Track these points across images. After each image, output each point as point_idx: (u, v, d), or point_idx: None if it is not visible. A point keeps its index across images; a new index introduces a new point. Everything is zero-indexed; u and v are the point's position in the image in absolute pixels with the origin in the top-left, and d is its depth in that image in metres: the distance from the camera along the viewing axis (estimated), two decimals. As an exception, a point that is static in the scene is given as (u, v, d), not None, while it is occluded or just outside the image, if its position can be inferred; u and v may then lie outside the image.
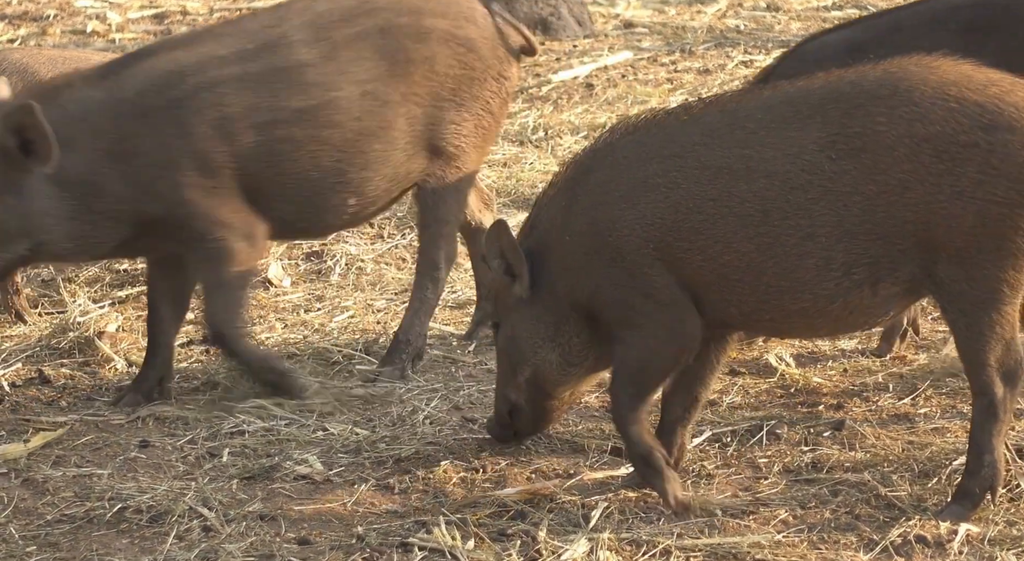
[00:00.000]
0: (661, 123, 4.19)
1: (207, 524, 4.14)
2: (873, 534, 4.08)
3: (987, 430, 4.03)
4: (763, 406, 4.83)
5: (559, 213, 4.22)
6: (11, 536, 4.13)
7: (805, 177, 3.99)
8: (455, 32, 4.92)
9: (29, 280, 6.04)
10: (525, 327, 4.26)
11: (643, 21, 9.57)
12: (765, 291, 4.06)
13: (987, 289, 3.96)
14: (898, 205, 3.95)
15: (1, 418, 4.87)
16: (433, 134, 4.90)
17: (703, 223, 4.05)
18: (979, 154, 3.92)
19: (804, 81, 4.13)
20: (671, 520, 4.14)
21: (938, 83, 3.98)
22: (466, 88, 4.92)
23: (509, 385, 4.35)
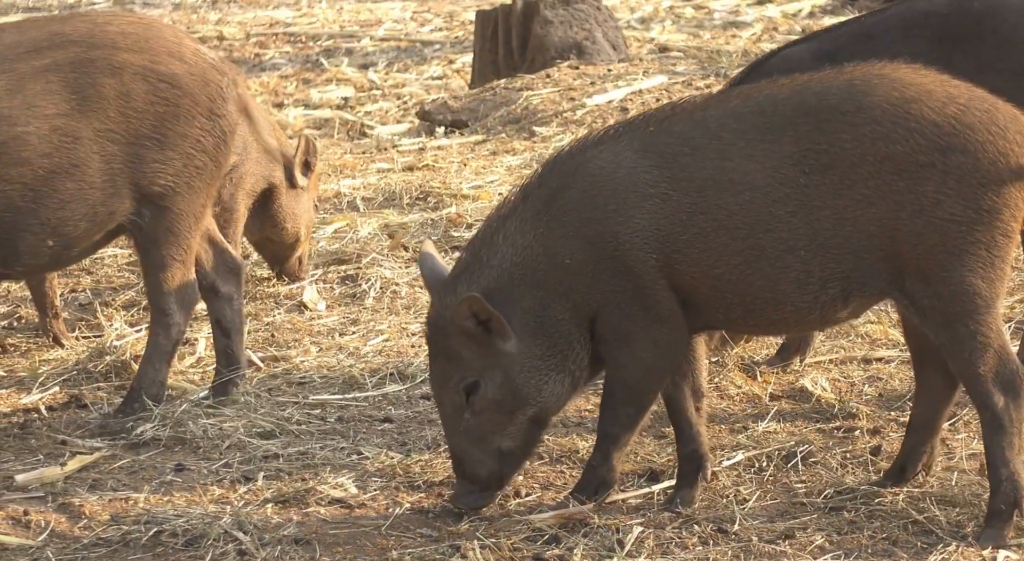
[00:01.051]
0: (629, 134, 4.14)
1: (242, 548, 4.14)
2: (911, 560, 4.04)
3: (997, 444, 4.03)
4: (799, 431, 4.80)
5: (536, 242, 4.11)
6: (48, 560, 4.15)
7: (783, 190, 4.04)
8: (154, 67, 4.75)
9: (67, 304, 6.08)
10: (522, 369, 4.11)
11: (678, 45, 9.57)
12: (752, 301, 4.11)
13: (958, 303, 4.01)
14: (864, 220, 4.02)
15: (38, 442, 4.90)
16: (135, 173, 4.74)
17: (697, 235, 4.07)
18: (936, 175, 4.00)
19: (770, 88, 4.14)
20: (707, 545, 4.12)
21: (899, 100, 4.04)
22: (170, 125, 4.76)
23: (499, 436, 4.16)
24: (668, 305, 4.12)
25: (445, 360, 4.15)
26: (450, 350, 4.14)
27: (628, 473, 4.54)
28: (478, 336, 4.09)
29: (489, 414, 4.15)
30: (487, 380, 4.12)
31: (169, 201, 4.80)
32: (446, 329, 4.14)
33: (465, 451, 4.18)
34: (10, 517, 4.38)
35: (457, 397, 4.15)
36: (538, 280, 4.12)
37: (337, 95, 9.65)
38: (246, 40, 10.99)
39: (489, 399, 4.13)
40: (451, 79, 9.90)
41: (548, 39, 8.97)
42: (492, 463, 4.18)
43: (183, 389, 5.26)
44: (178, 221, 4.84)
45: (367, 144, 8.44)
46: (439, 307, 4.18)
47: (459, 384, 4.14)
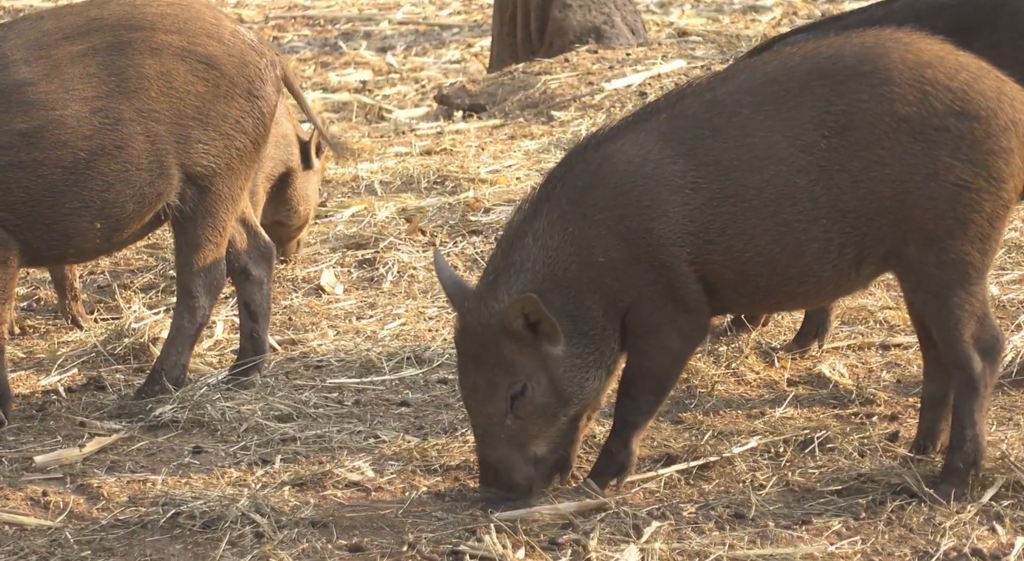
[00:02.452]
0: (644, 125, 4.10)
1: (259, 530, 4.16)
2: (928, 547, 4.04)
3: (968, 405, 4.10)
4: (816, 417, 4.80)
5: (567, 242, 4.07)
6: (66, 541, 4.17)
7: (805, 158, 4.03)
8: (192, 48, 4.76)
9: (85, 286, 6.10)
10: (565, 370, 4.09)
11: (697, 29, 9.54)
12: (776, 280, 4.10)
13: (956, 271, 4.05)
14: (879, 181, 4.03)
15: (57, 423, 4.92)
16: (180, 153, 4.76)
17: (728, 221, 4.05)
18: (950, 139, 4.02)
19: (778, 57, 4.12)
20: (723, 530, 4.12)
21: (915, 63, 4.06)
22: (211, 106, 4.77)
23: (540, 441, 4.13)
24: (696, 295, 4.11)
25: (489, 368, 4.08)
26: (497, 356, 4.07)
27: (644, 458, 4.54)
28: (526, 339, 4.05)
29: (532, 419, 4.11)
30: (534, 384, 4.09)
31: (210, 182, 4.82)
32: (489, 335, 4.07)
33: (505, 459, 4.12)
34: (29, 498, 4.40)
35: (502, 404, 4.09)
36: (571, 279, 4.09)
37: (355, 78, 9.64)
38: (265, 23, 10.99)
39: (535, 404, 4.10)
40: (469, 63, 9.89)
41: (567, 23, 8.95)
42: (528, 470, 4.15)
43: (201, 371, 5.27)
44: (217, 203, 4.85)
45: (385, 128, 8.44)
46: (479, 314, 4.09)
47: (506, 391, 4.08)
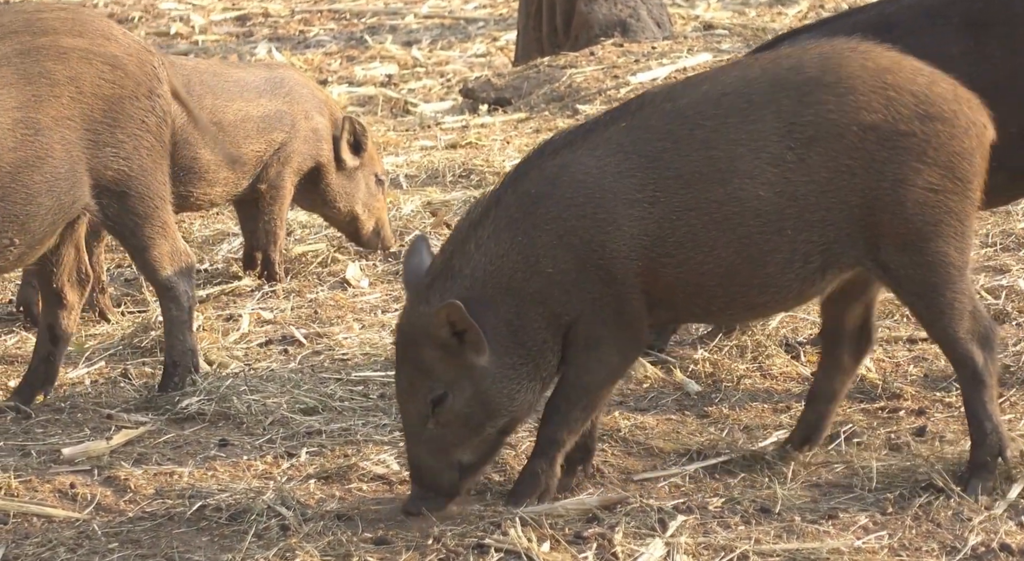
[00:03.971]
0: (603, 135, 4.02)
1: (285, 523, 4.17)
2: (955, 542, 4.02)
3: (979, 399, 4.11)
4: (842, 411, 4.78)
5: (513, 250, 3.97)
6: (94, 532, 4.19)
7: (771, 171, 4.00)
8: (96, 50, 4.70)
9: (112, 279, 6.12)
10: (494, 381, 3.98)
11: (723, 22, 9.52)
12: (736, 290, 4.07)
13: (936, 273, 4.06)
14: (847, 190, 4.02)
15: (84, 416, 4.94)
16: (91, 159, 4.69)
17: (687, 234, 3.99)
18: (917, 143, 4.03)
19: (736, 70, 4.09)
20: (749, 525, 4.11)
21: (875, 70, 4.06)
22: (117, 107, 4.72)
23: (462, 449, 4.03)
24: (638, 309, 4.05)
25: (412, 368, 3.99)
26: (419, 359, 3.98)
27: (670, 452, 4.54)
28: (451, 347, 3.95)
29: (455, 427, 4.01)
30: (456, 393, 3.98)
31: (126, 185, 4.78)
32: (416, 337, 3.98)
33: (425, 461, 4.04)
34: (57, 490, 4.42)
35: (422, 407, 4.01)
36: (514, 288, 3.99)
37: (381, 72, 9.65)
38: (291, 17, 11.01)
39: (456, 412, 4.00)
40: (495, 57, 9.88)
41: (592, 16, 8.94)
42: (451, 474, 4.05)
43: (226, 364, 5.29)
44: (140, 202, 4.82)
45: (410, 121, 8.44)
46: (411, 314, 4.01)
47: (426, 395, 3.99)
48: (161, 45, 10.37)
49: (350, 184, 6.18)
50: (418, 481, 4.10)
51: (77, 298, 5.03)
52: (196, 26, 10.80)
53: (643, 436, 4.65)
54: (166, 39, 10.55)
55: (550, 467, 4.14)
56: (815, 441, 4.44)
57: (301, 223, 6.70)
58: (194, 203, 5.92)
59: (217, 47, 10.36)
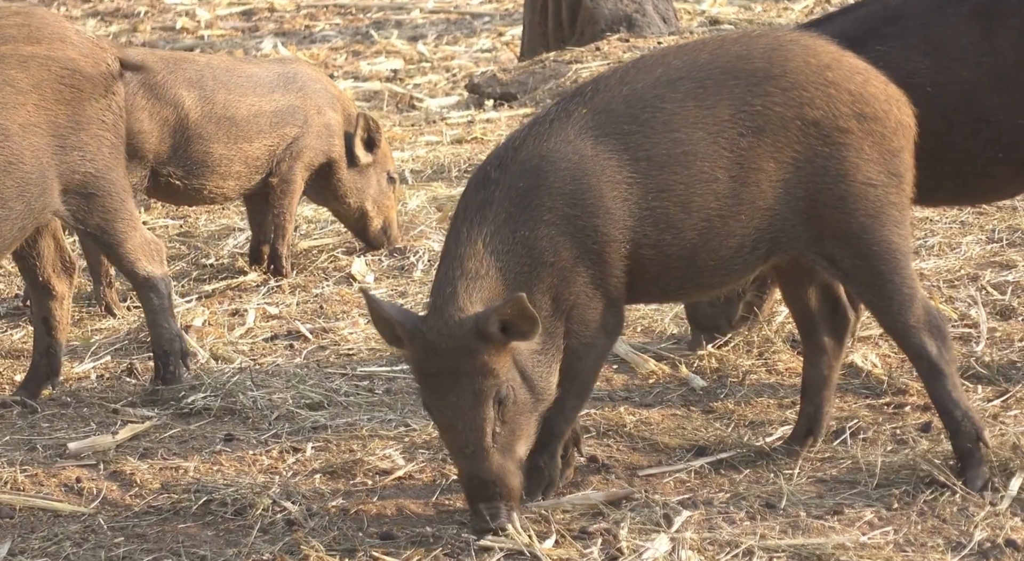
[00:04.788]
0: (570, 122, 4.05)
1: (290, 518, 4.17)
2: (961, 537, 4.02)
3: (943, 389, 4.15)
4: (848, 407, 4.78)
5: (519, 245, 3.98)
6: (99, 527, 4.19)
7: (727, 155, 4.07)
8: (53, 55, 4.73)
9: (119, 274, 6.13)
10: (535, 366, 4.01)
11: (729, 18, 9.51)
12: (695, 272, 4.12)
13: (882, 261, 4.12)
14: (792, 182, 4.08)
15: (90, 410, 4.94)
16: (60, 164, 4.72)
17: (660, 216, 4.05)
18: (855, 140, 4.11)
19: (684, 53, 4.14)
20: (754, 520, 4.11)
21: (817, 66, 4.14)
22: (80, 110, 4.75)
23: (523, 441, 4.01)
24: (620, 290, 4.10)
25: (471, 379, 3.93)
26: (473, 367, 3.92)
27: (675, 448, 4.54)
28: (500, 343, 3.93)
29: (517, 419, 4.00)
30: (513, 384, 3.98)
31: (94, 187, 4.79)
32: (466, 347, 3.92)
33: (500, 468, 3.97)
34: (63, 484, 4.43)
35: (491, 412, 3.95)
36: (523, 281, 4.01)
37: (386, 67, 9.65)
38: (296, 12, 11.00)
39: (518, 403, 3.99)
40: (500, 52, 9.88)
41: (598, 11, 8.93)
42: (521, 473, 4.01)
43: (231, 359, 5.30)
44: (108, 201, 4.82)
45: (416, 117, 8.44)
46: (447, 328, 3.93)
47: (490, 398, 3.94)
48: (167, 40, 10.37)
49: (361, 180, 6.19)
50: (489, 497, 3.97)
51: (66, 287, 5.05)
52: (202, 21, 10.80)
53: (648, 431, 4.65)
54: (172, 34, 10.56)
55: (551, 459, 4.16)
56: (818, 433, 4.45)
57: (307, 218, 6.71)
58: (207, 197, 5.94)
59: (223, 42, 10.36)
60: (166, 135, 5.76)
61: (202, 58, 6.08)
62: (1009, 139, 4.78)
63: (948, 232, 6.12)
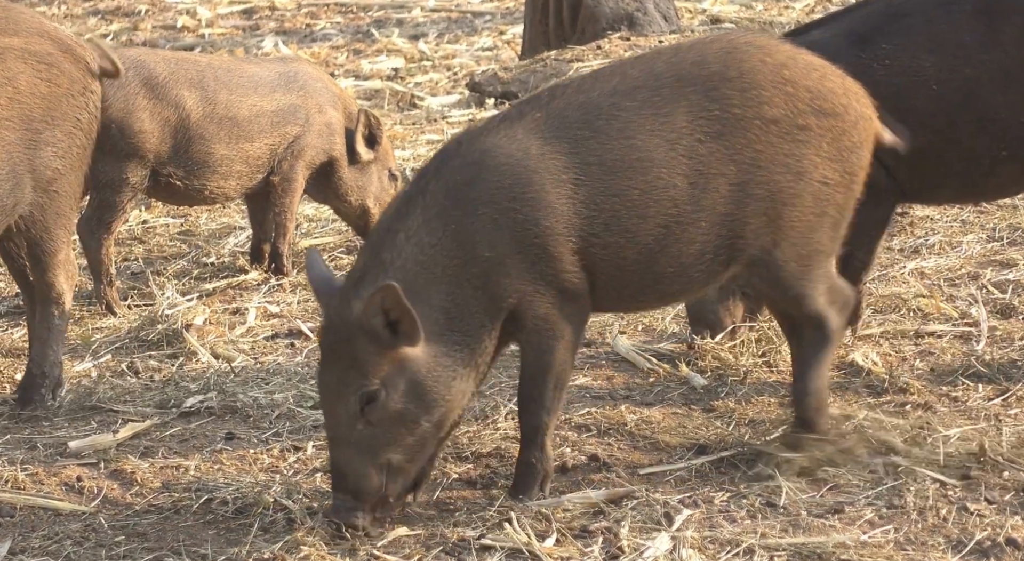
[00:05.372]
0: (520, 123, 4.04)
1: (291, 516, 4.17)
2: (961, 536, 4.02)
3: (820, 359, 4.26)
4: (849, 405, 4.78)
5: (447, 237, 3.94)
6: (100, 526, 4.20)
7: (685, 162, 4.07)
8: (30, 48, 4.63)
9: (119, 272, 6.13)
10: (431, 371, 3.92)
11: (730, 16, 9.50)
12: (652, 279, 4.12)
13: (808, 262, 4.19)
14: (753, 183, 4.10)
15: (90, 409, 4.94)
16: (33, 159, 4.61)
17: (611, 219, 4.04)
18: (813, 138, 4.13)
19: (642, 64, 4.15)
20: (755, 519, 4.11)
21: (773, 65, 4.15)
22: (56, 106, 4.64)
23: (393, 449, 3.93)
24: (581, 284, 4.08)
25: (342, 367, 3.89)
26: (349, 355, 3.88)
27: (676, 446, 4.54)
28: (383, 340, 3.86)
29: (387, 426, 3.92)
30: (389, 389, 3.90)
31: (58, 185, 4.71)
32: (348, 333, 3.89)
33: (351, 464, 3.92)
34: (64, 483, 4.43)
35: (351, 407, 3.89)
36: (450, 276, 3.95)
37: (387, 66, 9.65)
38: (297, 10, 11.00)
39: (390, 409, 3.91)
40: (501, 50, 9.88)
41: (599, 10, 8.93)
42: (378, 478, 3.94)
43: (232, 358, 5.30)
44: (64, 203, 4.74)
45: (417, 115, 8.44)
46: (340, 309, 3.92)
47: (355, 393, 3.88)
48: (167, 38, 10.38)
49: (363, 178, 6.19)
50: (341, 488, 3.95)
51: None
52: (203, 19, 10.80)
53: (649, 430, 4.65)
54: (172, 32, 10.56)
55: (542, 453, 4.16)
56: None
57: (308, 217, 6.71)
58: (208, 197, 5.94)
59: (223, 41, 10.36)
60: (167, 135, 5.76)
61: (203, 58, 6.08)
62: (1013, 137, 4.77)
63: (949, 230, 6.12)
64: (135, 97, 5.69)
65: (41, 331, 4.87)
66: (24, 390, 4.89)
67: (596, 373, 5.09)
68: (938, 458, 4.32)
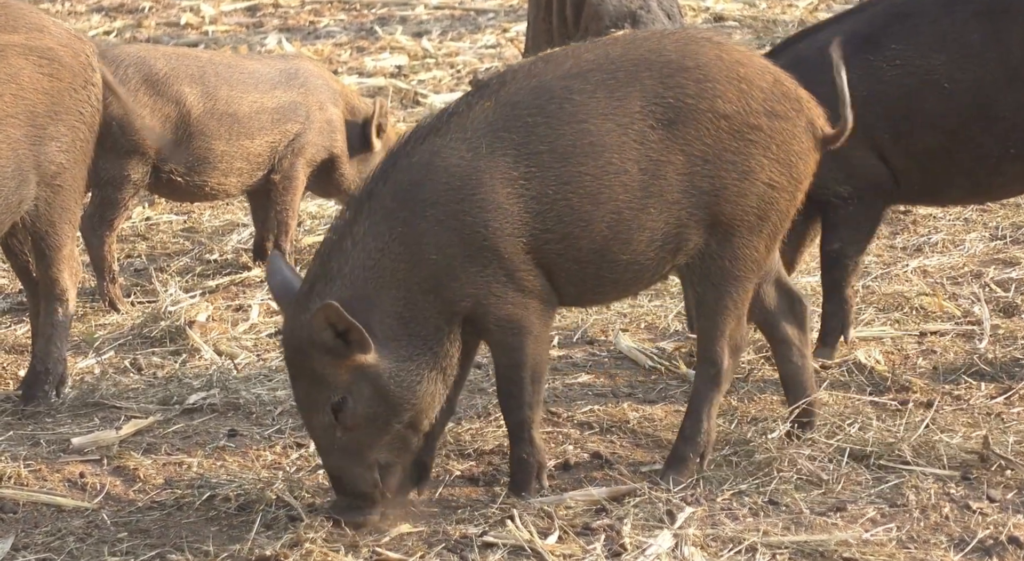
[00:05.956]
0: (470, 117, 4.00)
1: (293, 513, 4.17)
2: (964, 534, 4.02)
3: (708, 398, 4.22)
4: (851, 403, 4.78)
5: (395, 241, 3.92)
6: (103, 522, 4.20)
7: (636, 147, 4.04)
8: (31, 44, 4.62)
9: (122, 269, 6.13)
10: (393, 376, 3.93)
11: (733, 15, 9.50)
12: (608, 268, 4.09)
13: (742, 266, 4.14)
14: (699, 176, 4.06)
15: (93, 406, 4.95)
16: (38, 154, 4.60)
17: (565, 209, 4.01)
18: (763, 138, 4.10)
19: (597, 48, 4.11)
20: (757, 516, 4.11)
21: (729, 62, 4.13)
22: (59, 100, 4.64)
23: (376, 449, 3.96)
24: (539, 280, 4.04)
25: (307, 381, 3.93)
26: (310, 369, 3.91)
27: (679, 444, 4.53)
28: (338, 351, 3.87)
29: (362, 429, 3.95)
30: (355, 396, 3.91)
31: (62, 179, 4.70)
32: (303, 347, 3.91)
33: (343, 469, 3.98)
34: (66, 479, 4.44)
35: (325, 417, 3.94)
36: (400, 280, 3.93)
37: (391, 63, 9.65)
38: (301, 8, 11.01)
39: (360, 415, 3.93)
40: (505, 48, 9.88)
41: (603, 8, 8.93)
42: (372, 476, 3.98)
43: (234, 354, 5.30)
44: (69, 197, 4.73)
45: (420, 113, 8.43)
46: (292, 325, 3.94)
47: (325, 404, 3.92)
48: (171, 35, 10.38)
49: (365, 172, 6.19)
50: (341, 490, 4.02)
51: None
52: (206, 16, 10.80)
53: (651, 428, 4.65)
54: (176, 29, 10.56)
55: (532, 446, 4.14)
56: (811, 423, 4.44)
57: (311, 214, 6.71)
58: (209, 193, 5.94)
59: (227, 38, 10.37)
60: (167, 131, 5.76)
61: (204, 54, 6.08)
62: (1020, 136, 4.77)
63: (952, 229, 6.11)
64: (135, 94, 5.69)
65: (45, 327, 4.87)
66: (28, 386, 4.90)
67: (598, 371, 5.10)
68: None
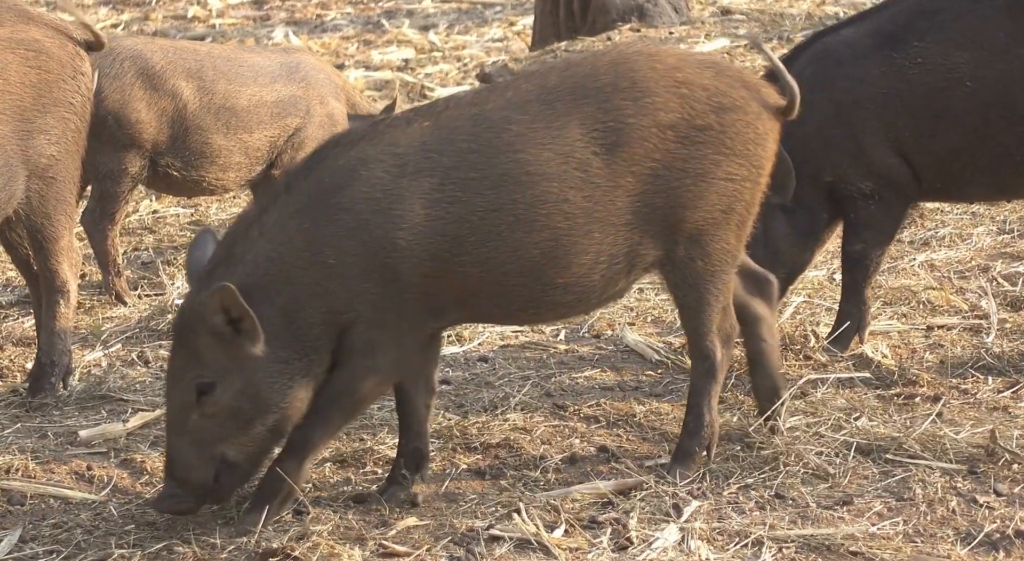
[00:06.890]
0: (405, 131, 3.99)
1: (300, 507, 4.18)
2: (970, 528, 4.02)
3: (707, 391, 4.22)
4: (858, 397, 4.78)
5: (298, 237, 3.89)
6: (110, 514, 4.21)
7: (579, 175, 4.01)
8: (17, 37, 4.57)
9: (129, 262, 6.14)
10: (268, 374, 3.90)
11: (740, 8, 9.49)
12: (541, 290, 4.06)
13: (716, 261, 4.15)
14: (652, 192, 4.06)
15: (101, 398, 4.95)
16: (27, 148, 4.55)
17: (490, 234, 3.96)
18: (715, 136, 4.09)
19: (535, 78, 4.11)
20: (763, 510, 4.11)
21: (664, 69, 4.11)
22: (47, 92, 4.58)
23: (226, 445, 3.94)
24: (420, 313, 3.99)
25: (184, 355, 3.92)
26: (191, 345, 3.90)
27: (685, 437, 4.53)
28: (225, 336, 3.86)
29: (220, 420, 3.92)
30: (225, 384, 3.90)
31: (55, 171, 4.66)
32: (192, 323, 3.90)
33: (181, 452, 3.94)
34: (74, 472, 4.44)
35: (187, 396, 3.92)
36: (295, 277, 3.89)
37: (398, 57, 9.65)
38: (308, 1, 11.01)
39: (224, 405, 3.91)
40: (512, 41, 9.87)
41: (609, 1, 8.92)
42: (207, 471, 3.95)
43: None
44: (63, 188, 4.70)
45: (427, 106, 8.43)
46: (191, 300, 3.94)
47: (192, 383, 3.90)
48: (178, 28, 10.38)
49: None
50: (170, 474, 3.99)
51: None
52: (213, 10, 10.81)
53: (658, 421, 4.65)
54: (183, 23, 10.57)
55: (298, 469, 4.04)
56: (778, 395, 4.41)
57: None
58: (207, 188, 5.93)
59: (234, 31, 10.37)
60: (164, 125, 5.75)
61: (203, 47, 6.06)
62: None
63: (959, 223, 6.11)
64: (131, 87, 5.68)
65: (48, 320, 4.86)
66: (34, 379, 4.90)
67: (605, 365, 5.10)
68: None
